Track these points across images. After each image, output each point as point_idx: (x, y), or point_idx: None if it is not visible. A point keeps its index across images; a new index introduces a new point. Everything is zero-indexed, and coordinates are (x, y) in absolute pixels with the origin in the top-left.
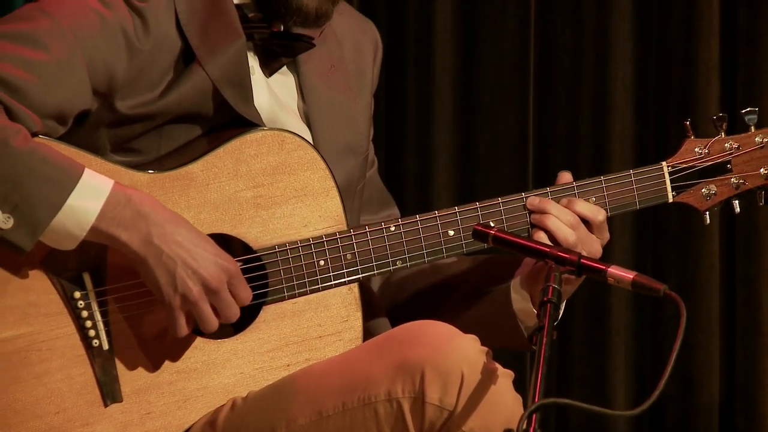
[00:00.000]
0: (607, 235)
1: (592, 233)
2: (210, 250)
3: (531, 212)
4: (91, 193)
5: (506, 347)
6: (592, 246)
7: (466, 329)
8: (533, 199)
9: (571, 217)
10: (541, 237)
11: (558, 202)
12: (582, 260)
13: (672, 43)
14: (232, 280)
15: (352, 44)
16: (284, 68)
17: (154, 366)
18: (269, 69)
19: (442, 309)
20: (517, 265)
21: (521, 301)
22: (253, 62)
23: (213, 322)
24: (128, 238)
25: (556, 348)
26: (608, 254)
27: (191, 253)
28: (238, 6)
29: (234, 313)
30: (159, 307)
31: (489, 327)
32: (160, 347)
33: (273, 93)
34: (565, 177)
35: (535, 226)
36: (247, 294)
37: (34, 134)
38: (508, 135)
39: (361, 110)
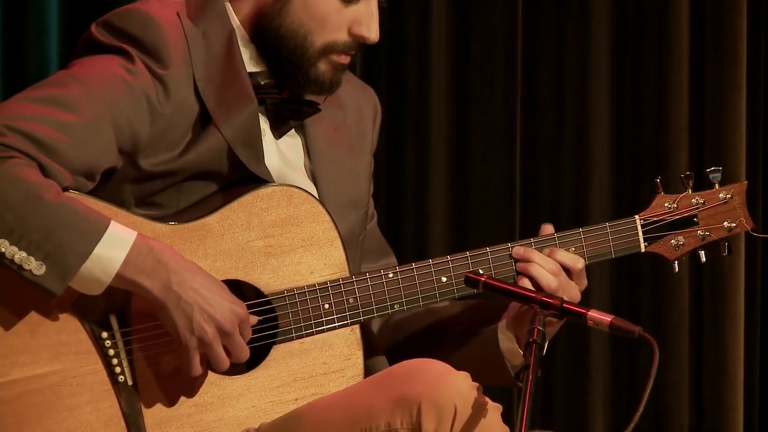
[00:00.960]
0: (585, 282)
1: (572, 280)
2: (224, 296)
3: (516, 260)
4: (117, 243)
5: (494, 384)
6: (571, 291)
7: (457, 367)
8: (518, 249)
9: (553, 265)
10: (526, 283)
11: (541, 252)
12: (564, 304)
13: (645, 107)
14: (242, 324)
15: (355, 108)
16: (292, 130)
17: (174, 400)
18: (279, 132)
19: (435, 349)
20: (504, 308)
21: (507, 342)
22: (265, 125)
23: (225, 363)
24: (150, 284)
25: (541, 384)
26: (587, 299)
27: (207, 299)
28: (251, 74)
29: (245, 354)
30: (178, 346)
31: (478, 365)
32: (179, 383)
33: (282, 154)
34: (548, 229)
35: (520, 273)
36: (249, 336)
37: (65, 189)
38: (497, 191)
39: (362, 168)
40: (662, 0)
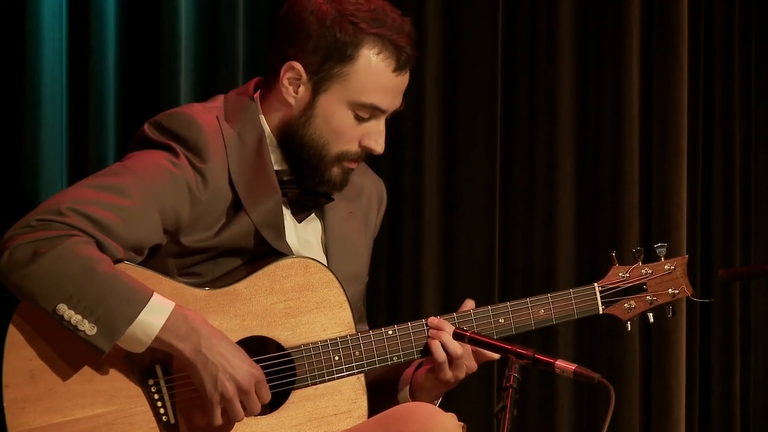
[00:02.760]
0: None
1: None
2: (244, 360)
3: (430, 328)
4: (157, 311)
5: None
6: (470, 361)
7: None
8: (432, 320)
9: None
10: (435, 346)
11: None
12: (536, 355)
13: (603, 191)
14: (259, 383)
15: (367, 197)
16: (313, 212)
17: None
18: (299, 217)
19: None
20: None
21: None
22: (287, 212)
23: (241, 415)
24: (183, 346)
25: (517, 421)
26: (555, 351)
27: (230, 361)
28: (277, 171)
29: (257, 409)
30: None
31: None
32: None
33: (300, 236)
34: (469, 304)
35: (432, 338)
36: (267, 396)
37: (119, 261)
38: (480, 262)
39: (364, 249)
40: (617, 104)
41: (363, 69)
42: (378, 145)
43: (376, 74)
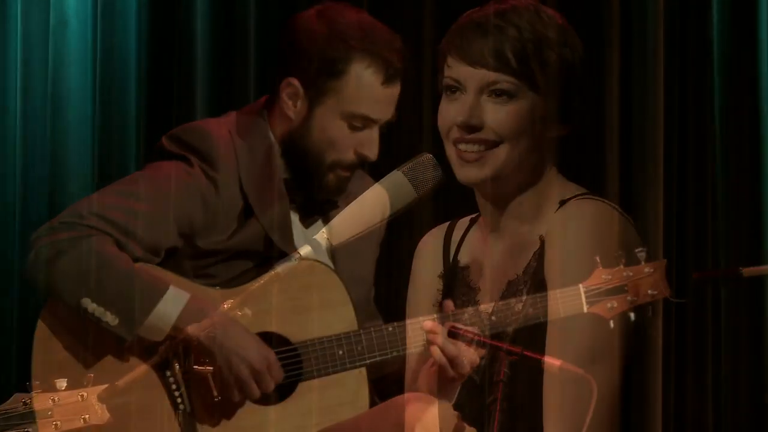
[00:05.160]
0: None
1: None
2: (255, 343)
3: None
4: (174, 302)
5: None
6: (471, 354)
7: None
8: (426, 324)
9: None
10: (434, 349)
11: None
12: (524, 352)
13: None
14: (271, 365)
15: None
16: (320, 220)
17: (222, 424)
18: (305, 223)
19: None
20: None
21: None
22: (294, 218)
23: (256, 394)
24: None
25: (505, 412)
26: (541, 348)
27: (242, 345)
28: (284, 179)
29: (270, 387)
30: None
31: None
32: (225, 410)
33: (308, 239)
34: (449, 305)
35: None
36: (280, 375)
37: (137, 260)
38: None
39: (370, 254)
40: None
41: (353, 82)
42: (372, 153)
43: (365, 87)
